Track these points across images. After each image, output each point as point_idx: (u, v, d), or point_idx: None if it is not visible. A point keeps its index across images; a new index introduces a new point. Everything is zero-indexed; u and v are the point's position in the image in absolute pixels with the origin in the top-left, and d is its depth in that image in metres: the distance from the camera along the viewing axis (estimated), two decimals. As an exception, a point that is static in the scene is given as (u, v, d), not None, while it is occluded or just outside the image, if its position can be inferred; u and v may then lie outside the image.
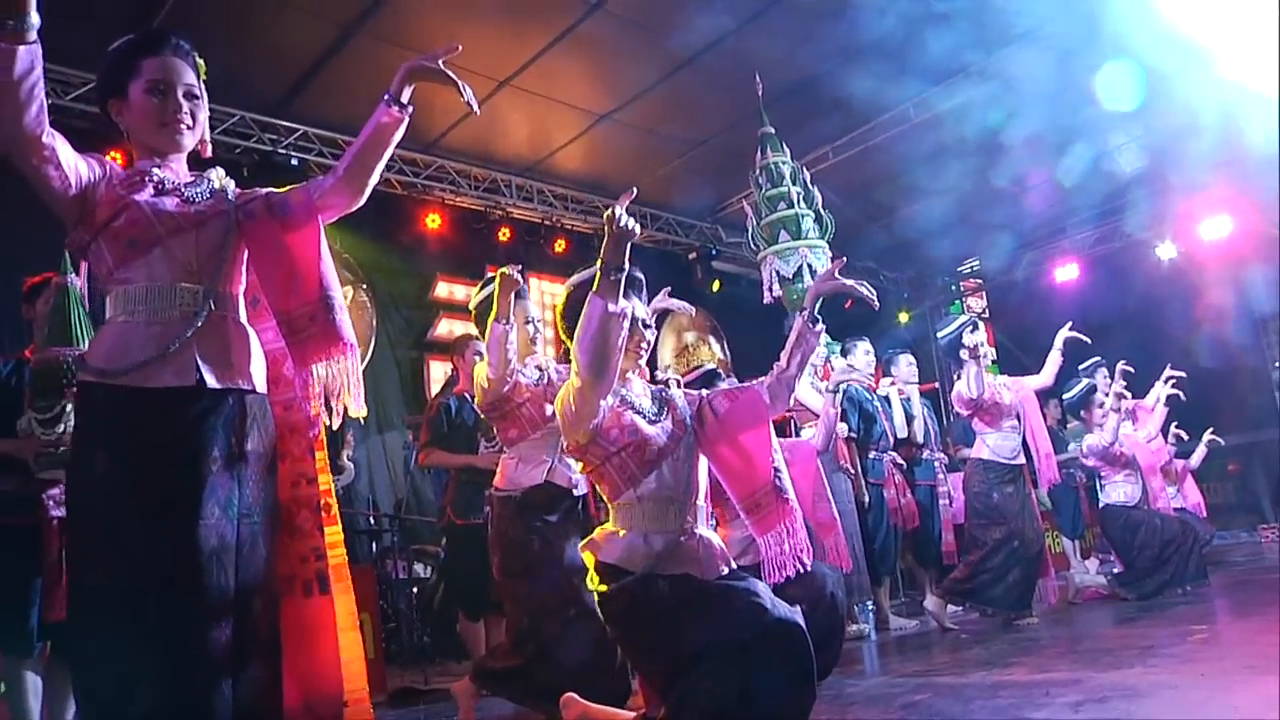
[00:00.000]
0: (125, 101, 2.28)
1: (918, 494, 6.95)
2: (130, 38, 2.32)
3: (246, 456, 2.15)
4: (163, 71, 2.27)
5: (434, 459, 5.39)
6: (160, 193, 2.22)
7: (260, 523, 2.14)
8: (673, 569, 2.64)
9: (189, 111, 2.30)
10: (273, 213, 2.32)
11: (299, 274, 2.29)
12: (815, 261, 6.88)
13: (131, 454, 2.03)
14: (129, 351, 2.09)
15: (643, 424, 2.75)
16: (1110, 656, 4.14)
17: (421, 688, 5.64)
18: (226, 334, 2.22)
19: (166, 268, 2.16)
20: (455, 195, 9.58)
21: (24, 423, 3.86)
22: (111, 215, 2.14)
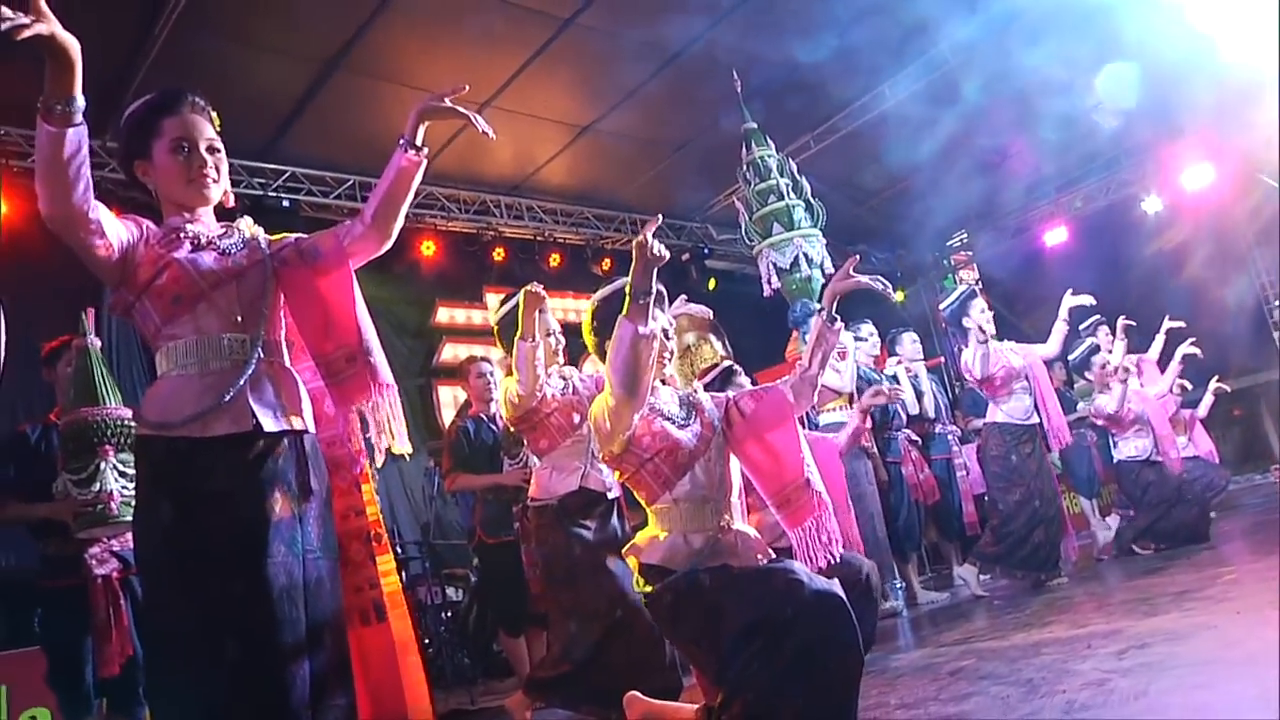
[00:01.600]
0: (150, 162, 2.34)
1: (935, 468, 7.02)
2: (148, 99, 2.38)
3: (307, 495, 2.21)
4: (184, 129, 2.32)
5: (460, 483, 5.45)
6: (197, 248, 2.27)
7: (324, 558, 2.20)
8: (713, 563, 2.71)
9: (213, 165, 2.36)
10: (304, 259, 2.38)
11: (334, 318, 2.35)
12: (810, 250, 6.93)
13: (196, 502, 2.08)
14: (184, 404, 2.14)
15: (673, 429, 2.83)
16: (1145, 605, 4.20)
17: (470, 708, 5.69)
18: (276, 379, 2.28)
19: (212, 320, 2.22)
20: (446, 220, 9.65)
21: (59, 485, 3.92)
22: (153, 274, 2.20)
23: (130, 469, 3.89)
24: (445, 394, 9.38)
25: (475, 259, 10.01)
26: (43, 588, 4.16)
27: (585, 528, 3.90)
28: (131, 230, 2.23)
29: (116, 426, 3.92)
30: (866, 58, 8.25)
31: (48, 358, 4.41)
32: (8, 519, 4.19)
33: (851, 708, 2.49)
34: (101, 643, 3.99)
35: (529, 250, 10.41)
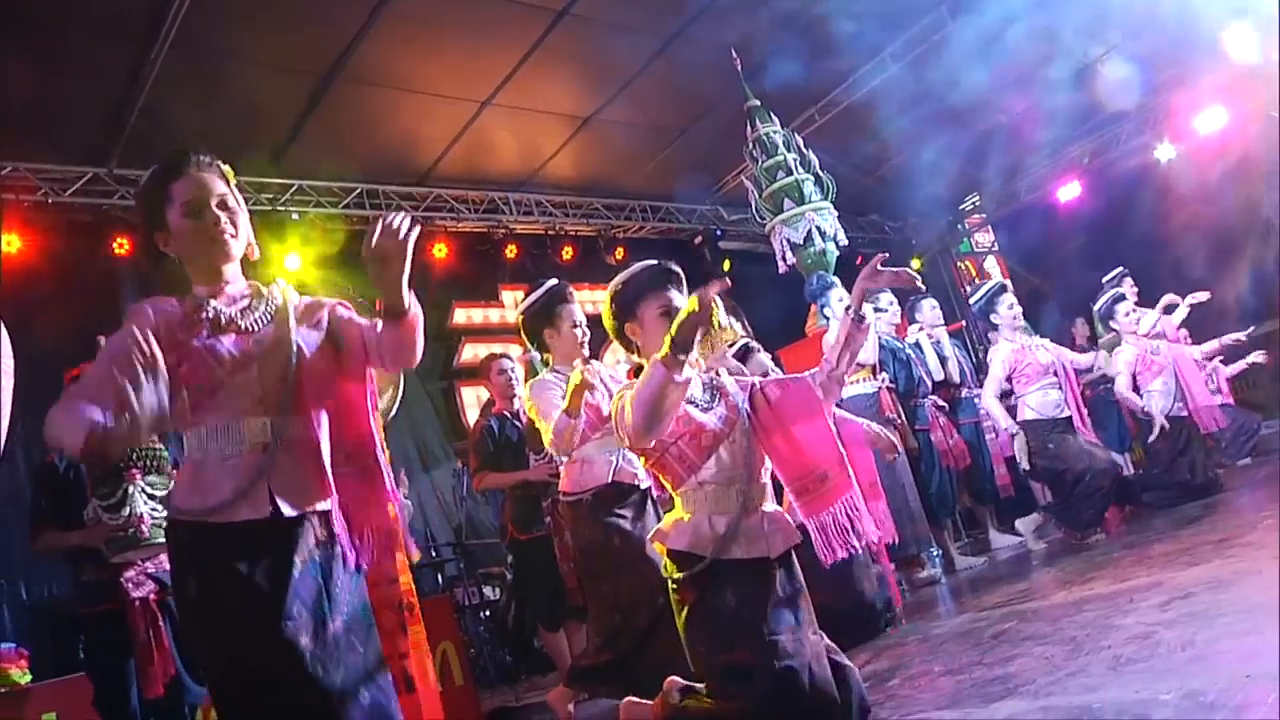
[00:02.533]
0: (167, 232, 2.34)
1: (963, 433, 6.97)
2: (154, 170, 2.37)
3: (329, 564, 2.21)
4: (193, 191, 2.31)
5: (488, 482, 5.45)
6: (217, 329, 2.26)
7: (352, 620, 2.19)
8: (739, 551, 2.67)
9: (228, 221, 2.33)
10: (331, 342, 2.40)
11: (345, 418, 2.39)
12: (823, 223, 6.91)
13: (219, 579, 2.11)
14: (206, 493, 2.15)
15: (696, 413, 2.79)
16: (1186, 556, 4.15)
17: (514, 705, 5.71)
18: (297, 460, 2.25)
19: (233, 405, 2.20)
20: (457, 221, 9.64)
21: (90, 511, 3.96)
22: (176, 363, 2.18)
23: (158, 490, 3.93)
24: (468, 395, 9.38)
25: (488, 258, 10.01)
26: (82, 614, 4.20)
27: (622, 518, 3.89)
28: (155, 322, 2.22)
29: (142, 451, 3.96)
30: (865, 26, 8.17)
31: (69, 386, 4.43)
32: (44, 548, 4.23)
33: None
34: (144, 664, 4.02)
35: (541, 245, 10.40)
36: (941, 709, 2.55)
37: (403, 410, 8.97)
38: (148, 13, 6.31)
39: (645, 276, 2.95)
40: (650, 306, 2.89)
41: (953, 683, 2.87)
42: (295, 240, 8.46)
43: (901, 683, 3.13)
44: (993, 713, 2.33)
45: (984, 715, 2.34)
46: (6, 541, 6.32)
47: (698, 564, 2.67)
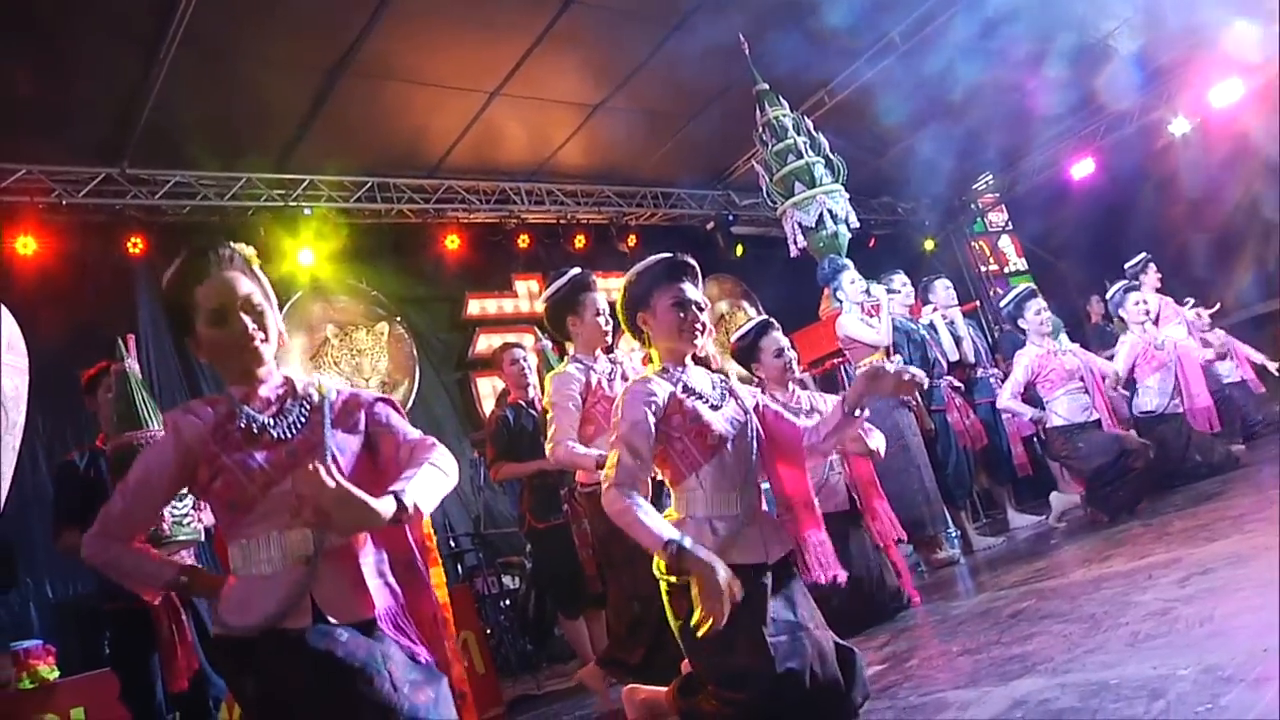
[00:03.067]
0: (196, 339, 2.27)
1: (980, 413, 6.97)
2: (176, 273, 2.29)
3: (386, 651, 2.15)
4: (218, 296, 2.23)
5: (505, 472, 5.47)
6: (250, 440, 2.19)
7: (418, 680, 2.13)
8: (737, 556, 2.66)
9: (255, 326, 2.25)
10: (369, 447, 2.32)
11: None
12: (834, 206, 6.86)
13: (272, 680, 2.09)
14: (250, 610, 2.11)
15: (705, 410, 2.80)
16: (1205, 532, 4.13)
17: (536, 693, 5.75)
18: (340, 571, 2.19)
19: (271, 520, 2.15)
20: (469, 213, 9.66)
21: (109, 511, 3.97)
22: (210, 477, 2.16)
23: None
24: (484, 385, 9.42)
25: (501, 248, 10.04)
26: (107, 610, 4.23)
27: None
28: (188, 434, 2.18)
29: (160, 451, 3.97)
30: (873, 6, 8.15)
31: (88, 386, 4.47)
32: (66, 546, 4.25)
33: None
34: (168, 659, 4.05)
35: (553, 234, 10.42)
36: (960, 688, 2.56)
37: (419, 402, 9.03)
38: (155, 12, 6.33)
39: (660, 268, 2.94)
40: (664, 297, 2.89)
41: (971, 662, 2.87)
42: (308, 235, 8.49)
43: (920, 663, 3.14)
44: (1011, 690, 2.33)
45: (1002, 693, 2.35)
46: (31, 542, 6.39)
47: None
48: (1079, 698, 2.07)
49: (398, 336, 9.15)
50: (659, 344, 2.93)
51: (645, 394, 2.77)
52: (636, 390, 2.79)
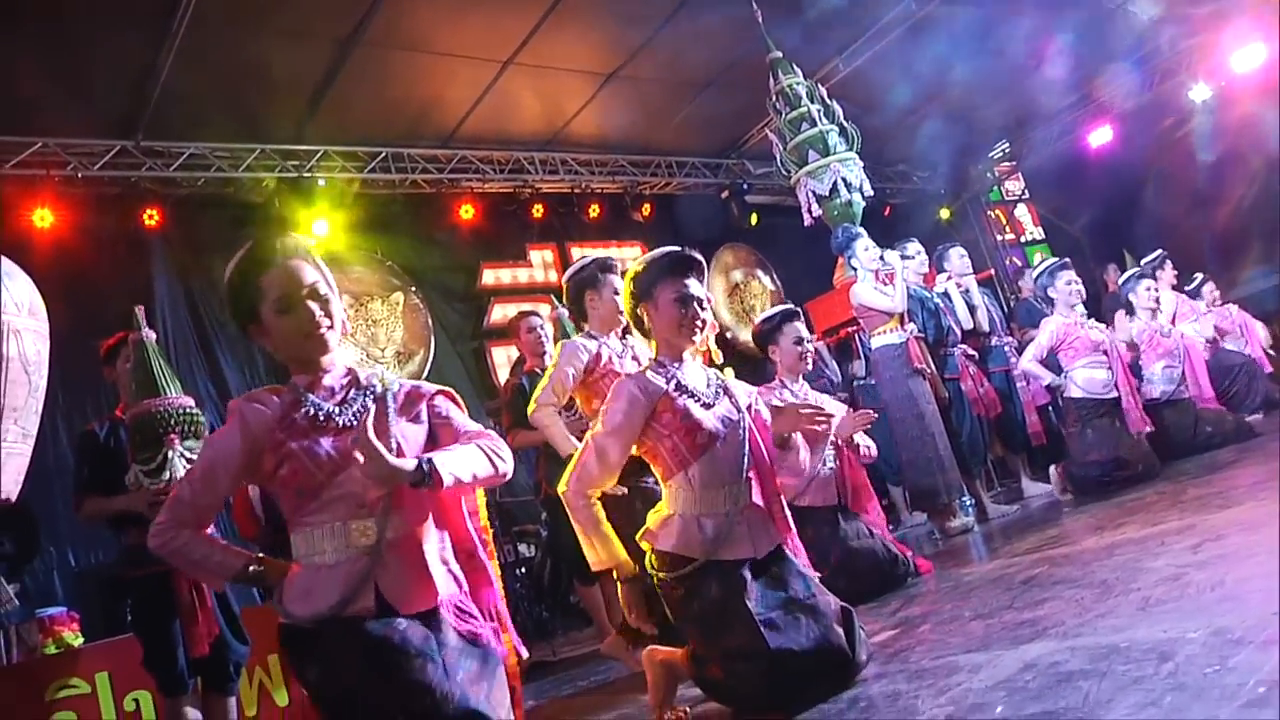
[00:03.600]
0: (260, 325, 2.31)
1: (994, 381, 6.96)
2: (242, 259, 2.35)
3: (443, 639, 2.17)
4: (283, 285, 2.27)
5: (520, 440, 5.50)
6: (315, 428, 2.23)
7: (470, 668, 2.15)
8: (727, 553, 2.76)
9: (322, 313, 2.29)
10: (432, 439, 2.36)
11: (448, 512, 2.35)
12: (848, 175, 6.82)
13: (333, 667, 2.12)
14: (316, 599, 2.14)
15: (696, 409, 2.85)
16: (1219, 499, 4.14)
17: (552, 659, 5.81)
18: (403, 561, 2.22)
19: (338, 508, 2.18)
20: (483, 182, 9.66)
21: (131, 477, 4.01)
22: (276, 464, 2.20)
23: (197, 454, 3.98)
24: (499, 355, 9.46)
25: (515, 218, 10.05)
26: (128, 577, 4.27)
27: (643, 481, 3.91)
28: (253, 425, 2.22)
29: (180, 415, 4.00)
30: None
31: (106, 356, 4.50)
32: (87, 515, 4.31)
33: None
34: (189, 625, 4.10)
35: (568, 204, 10.43)
36: (971, 651, 2.58)
37: (434, 372, 9.07)
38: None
39: (666, 262, 2.98)
40: (667, 290, 2.93)
41: (983, 626, 2.89)
42: (322, 206, 8.51)
43: (932, 627, 3.16)
44: (1021, 654, 2.35)
45: (1013, 656, 2.36)
46: (53, 511, 6.46)
47: (686, 565, 2.75)
48: (1089, 660, 2.09)
49: (413, 307, 9.18)
50: (658, 337, 2.99)
51: (635, 393, 2.83)
52: (628, 388, 2.85)
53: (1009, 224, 14.66)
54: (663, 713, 2.94)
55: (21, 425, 3.25)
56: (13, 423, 3.17)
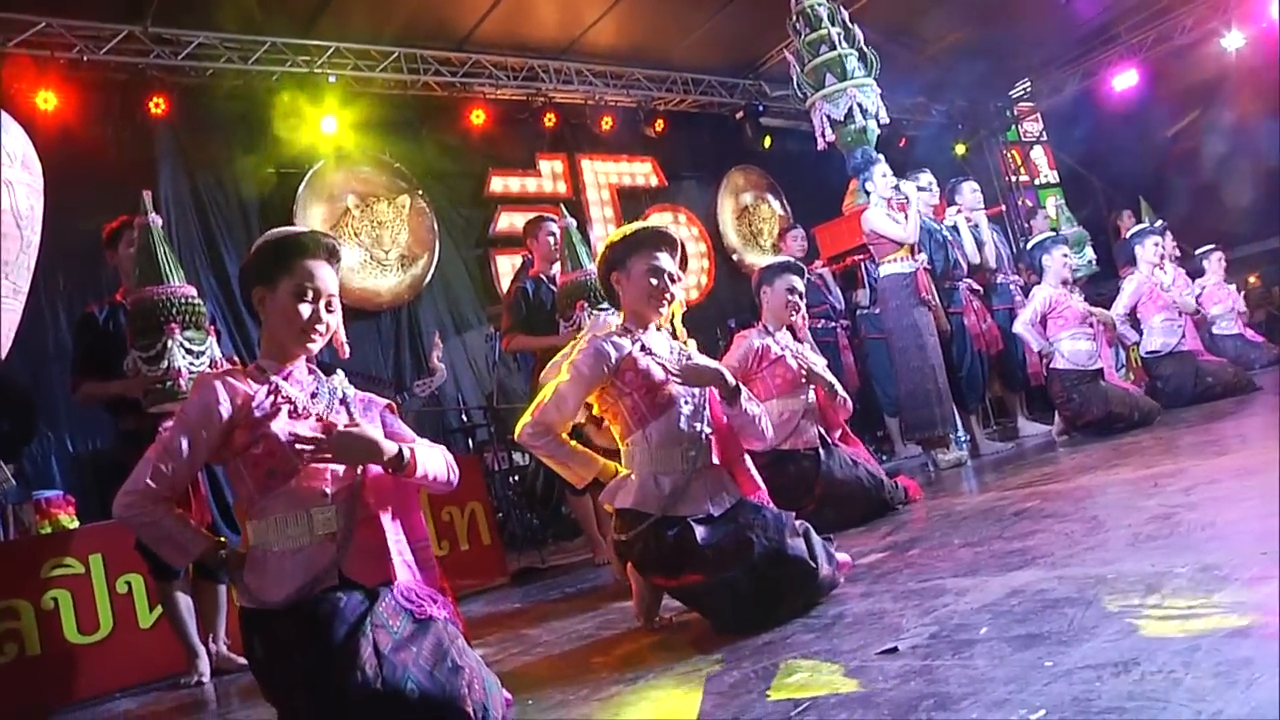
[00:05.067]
0: (272, 294, 2.34)
1: (997, 319, 6.93)
2: (289, 236, 2.39)
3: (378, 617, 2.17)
4: (314, 278, 2.33)
5: (517, 343, 5.51)
6: (292, 414, 2.28)
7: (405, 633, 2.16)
8: (684, 509, 2.81)
9: (327, 324, 2.36)
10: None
11: (406, 510, 2.42)
12: (865, 100, 6.70)
13: (274, 643, 2.16)
14: (280, 585, 2.16)
15: (658, 370, 2.91)
16: (1214, 447, 4.15)
17: (540, 566, 5.87)
18: (366, 545, 2.26)
19: (304, 495, 2.21)
20: (495, 89, 9.52)
21: (129, 362, 4.00)
22: (249, 442, 2.21)
23: (196, 346, 3.97)
24: (503, 263, 9.41)
25: (527, 126, 9.91)
26: (123, 462, 4.29)
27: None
28: (228, 402, 2.23)
29: (182, 305, 3.98)
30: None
31: (110, 239, 4.46)
32: (84, 398, 4.31)
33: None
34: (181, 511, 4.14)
35: (580, 115, 10.28)
36: (959, 576, 2.59)
37: (438, 276, 9.04)
38: None
39: (643, 235, 3.06)
40: (640, 262, 3.01)
41: (971, 553, 2.91)
42: (332, 103, 8.39)
43: (921, 553, 3.18)
44: (1009, 580, 2.36)
45: (1000, 582, 2.38)
46: (52, 396, 6.49)
47: (643, 521, 2.81)
48: (1076, 589, 2.10)
49: (419, 210, 9.10)
50: (627, 305, 3.07)
51: (604, 349, 2.89)
52: (596, 344, 2.91)
53: (1024, 165, 14.50)
54: (648, 621, 2.99)
55: (13, 281, 3.22)
56: (4, 278, 3.14)
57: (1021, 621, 1.95)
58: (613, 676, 2.42)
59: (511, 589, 5.27)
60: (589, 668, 2.65)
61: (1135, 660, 1.55)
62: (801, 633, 2.40)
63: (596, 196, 10.34)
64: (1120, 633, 1.72)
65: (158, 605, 4.44)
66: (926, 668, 1.81)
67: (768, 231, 11.76)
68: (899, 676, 1.80)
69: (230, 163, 8.21)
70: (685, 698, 2.06)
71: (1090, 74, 12.98)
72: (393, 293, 8.82)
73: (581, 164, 10.37)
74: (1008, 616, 2.02)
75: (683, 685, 2.17)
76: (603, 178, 10.55)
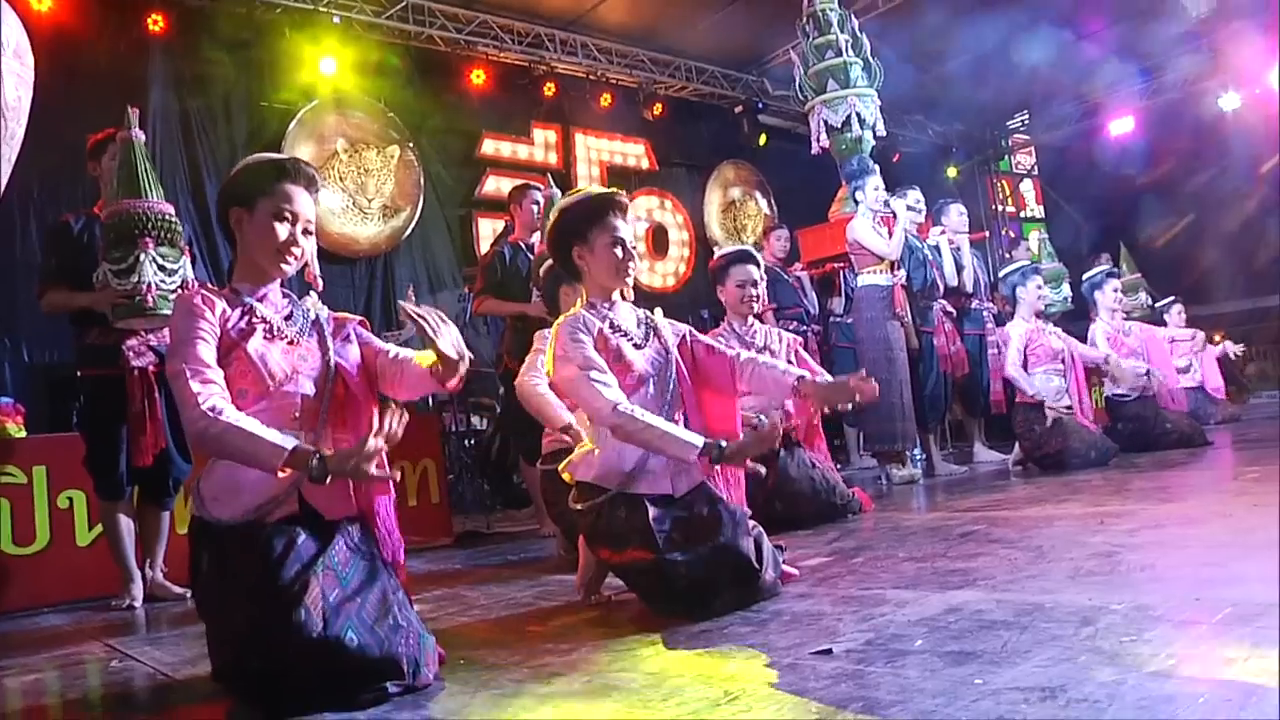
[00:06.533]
0: (250, 216, 2.35)
1: (967, 342, 6.98)
2: (273, 160, 2.41)
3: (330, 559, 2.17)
4: (292, 201, 2.35)
5: (487, 307, 5.50)
6: (269, 336, 2.30)
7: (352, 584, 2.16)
8: (643, 487, 2.81)
9: (302, 248, 2.38)
10: (363, 359, 2.43)
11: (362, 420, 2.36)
12: (864, 110, 6.72)
13: (224, 564, 2.18)
14: (237, 500, 2.18)
15: (628, 348, 2.88)
16: (1163, 493, 4.21)
17: (485, 531, 5.88)
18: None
19: (271, 417, 2.19)
20: (499, 51, 9.46)
21: (100, 274, 3.95)
22: (222, 355, 2.22)
23: (169, 263, 3.93)
24: (485, 226, 9.37)
25: (525, 93, 9.86)
26: (82, 376, 4.25)
27: None
28: (214, 317, 2.25)
29: (158, 220, 3.94)
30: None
31: (93, 150, 4.39)
32: (50, 306, 4.25)
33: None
34: (136, 433, 4.10)
35: (580, 88, 10.24)
36: (900, 588, 2.62)
37: (418, 231, 9.00)
38: None
39: (598, 203, 2.98)
40: (602, 235, 2.93)
41: (914, 568, 2.94)
42: (333, 44, 8.31)
43: (865, 561, 3.21)
44: (948, 598, 2.39)
45: (939, 598, 2.40)
46: (13, 302, 6.40)
47: (600, 495, 2.82)
48: (1013, 614, 2.13)
49: (407, 163, 9.02)
50: (591, 280, 2.99)
51: (579, 331, 2.84)
52: (571, 328, 2.85)
53: (1012, 196, 14.62)
54: (587, 593, 3.00)
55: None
56: (-17, 167, 3.08)
57: (956, 638, 1.98)
58: (546, 646, 2.43)
59: (454, 550, 5.27)
60: (524, 635, 2.65)
61: (1063, 687, 1.57)
62: (738, 625, 2.42)
63: (586, 172, 10.30)
64: (1051, 660, 1.74)
65: (98, 524, 4.41)
66: (859, 672, 1.83)
67: (751, 228, 11.78)
68: (830, 678, 1.82)
69: (222, 91, 8.11)
70: (617, 675, 2.07)
71: (1088, 115, 13.10)
72: (371, 242, 8.75)
73: (575, 137, 10.33)
74: (943, 632, 2.05)
75: (616, 662, 2.18)
76: (594, 154, 10.51)
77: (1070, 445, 5.92)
